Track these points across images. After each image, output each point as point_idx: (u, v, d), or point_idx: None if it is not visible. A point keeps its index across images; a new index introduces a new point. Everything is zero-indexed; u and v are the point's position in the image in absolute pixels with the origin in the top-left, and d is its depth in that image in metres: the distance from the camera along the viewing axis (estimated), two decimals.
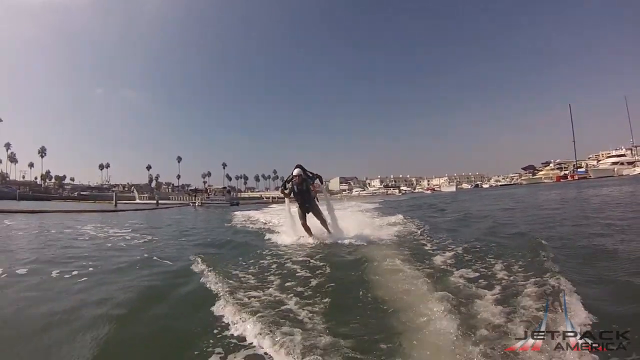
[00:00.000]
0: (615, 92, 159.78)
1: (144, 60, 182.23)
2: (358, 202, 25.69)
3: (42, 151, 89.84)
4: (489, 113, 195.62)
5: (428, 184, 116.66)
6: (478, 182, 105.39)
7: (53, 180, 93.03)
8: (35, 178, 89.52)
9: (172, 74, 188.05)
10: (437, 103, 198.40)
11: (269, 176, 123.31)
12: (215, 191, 51.65)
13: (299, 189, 6.80)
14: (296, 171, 6.78)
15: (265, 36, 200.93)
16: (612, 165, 59.37)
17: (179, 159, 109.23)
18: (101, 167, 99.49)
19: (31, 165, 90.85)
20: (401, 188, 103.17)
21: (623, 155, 62.18)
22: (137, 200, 52.63)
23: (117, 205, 31.79)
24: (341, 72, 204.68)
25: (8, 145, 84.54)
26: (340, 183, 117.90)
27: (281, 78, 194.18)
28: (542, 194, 22.25)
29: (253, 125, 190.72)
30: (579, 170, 68.49)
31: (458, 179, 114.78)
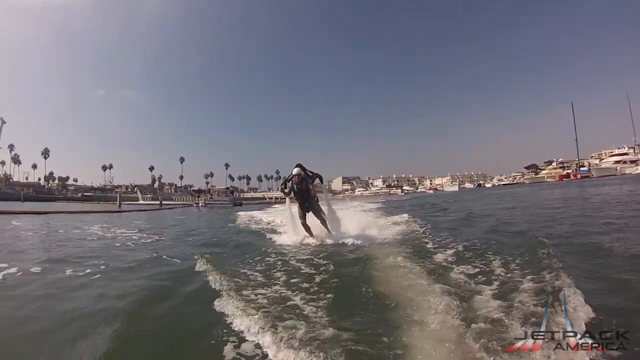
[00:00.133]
0: (616, 92, 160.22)
1: (144, 60, 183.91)
2: (361, 202, 25.75)
3: (46, 152, 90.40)
4: (489, 113, 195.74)
5: (430, 184, 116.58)
6: (480, 182, 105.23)
7: (56, 181, 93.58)
8: (39, 179, 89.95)
9: (172, 74, 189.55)
10: (437, 103, 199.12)
11: (272, 176, 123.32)
12: (218, 192, 51.80)
13: (298, 188, 6.82)
14: (295, 170, 6.80)
15: (265, 36, 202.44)
16: (615, 164, 59.05)
17: (182, 159, 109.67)
18: (104, 168, 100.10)
19: (34, 166, 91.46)
20: (404, 188, 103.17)
21: (626, 154, 61.86)
22: (141, 201, 52.99)
23: (121, 206, 32.07)
24: (341, 72, 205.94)
25: (12, 147, 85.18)
26: (343, 183, 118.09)
27: (281, 78, 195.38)
28: (545, 193, 22.23)
29: (253, 125, 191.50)
30: (581, 169, 68.25)
31: (460, 179, 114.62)
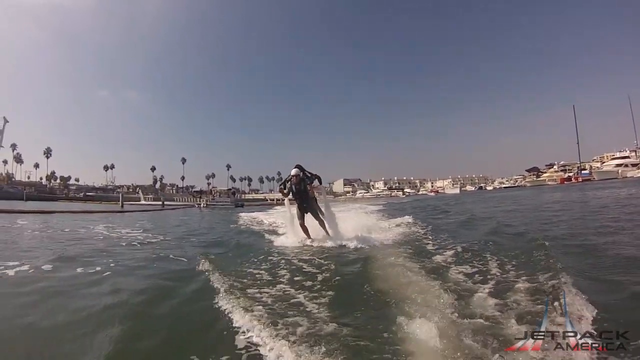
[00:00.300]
0: (617, 92, 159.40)
1: (145, 62, 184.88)
2: (362, 204, 25.85)
3: (48, 152, 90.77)
4: (489, 113, 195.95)
5: (432, 186, 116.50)
6: (482, 184, 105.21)
7: (58, 180, 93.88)
8: (41, 178, 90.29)
9: (173, 75, 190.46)
10: (437, 103, 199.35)
11: (273, 178, 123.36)
12: (220, 193, 51.97)
13: (296, 189, 6.87)
14: (294, 171, 6.85)
15: (265, 36, 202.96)
16: (616, 167, 58.97)
17: (184, 160, 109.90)
18: (106, 168, 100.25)
19: (37, 165, 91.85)
20: (405, 190, 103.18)
21: (627, 157, 61.72)
22: (143, 202, 53.14)
23: (124, 206, 32.20)
24: (341, 72, 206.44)
25: (14, 146, 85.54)
26: (344, 185, 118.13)
27: (281, 78, 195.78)
28: (545, 196, 22.34)
29: (253, 126, 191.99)
30: (583, 172, 68.08)
31: (462, 181, 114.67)
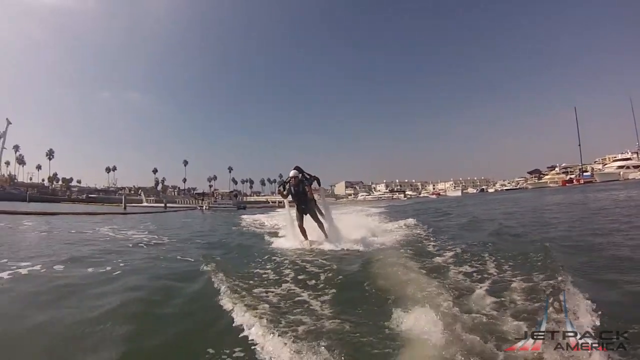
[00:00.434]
0: (618, 93, 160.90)
1: (147, 63, 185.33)
2: (363, 207, 25.94)
3: (50, 153, 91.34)
4: (490, 113, 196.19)
5: (433, 189, 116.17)
6: (483, 187, 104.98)
7: (60, 182, 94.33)
8: (43, 180, 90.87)
9: (175, 77, 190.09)
10: (438, 103, 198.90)
11: (274, 180, 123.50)
12: (222, 195, 52.02)
13: (295, 191, 6.92)
14: (292, 173, 6.92)
15: (266, 36, 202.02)
16: (618, 169, 58.90)
17: (185, 162, 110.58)
18: (108, 170, 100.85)
19: (39, 167, 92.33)
20: (407, 192, 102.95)
21: (629, 159, 61.63)
22: (145, 203, 53.26)
23: (126, 208, 32.41)
24: (341, 72, 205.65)
25: (17, 148, 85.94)
26: (346, 187, 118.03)
27: (281, 78, 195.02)
28: (547, 198, 22.40)
29: (254, 126, 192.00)
30: (584, 174, 67.94)
31: (464, 184, 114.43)
